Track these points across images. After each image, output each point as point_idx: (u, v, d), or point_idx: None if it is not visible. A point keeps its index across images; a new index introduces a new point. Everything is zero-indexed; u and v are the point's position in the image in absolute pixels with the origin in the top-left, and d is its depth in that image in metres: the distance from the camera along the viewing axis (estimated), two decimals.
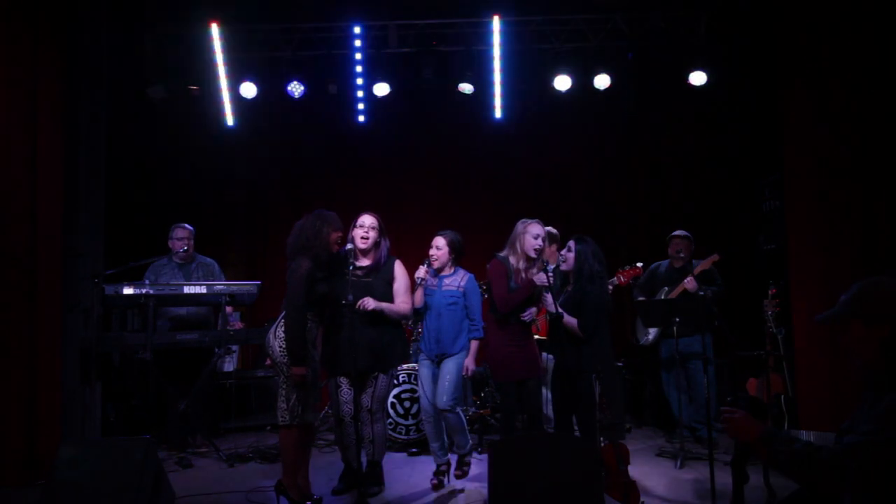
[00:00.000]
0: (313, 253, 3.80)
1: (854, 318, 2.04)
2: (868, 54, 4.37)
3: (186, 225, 5.45)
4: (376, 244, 4.12)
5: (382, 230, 4.16)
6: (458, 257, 4.47)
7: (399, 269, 4.17)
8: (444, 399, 4.25)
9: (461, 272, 4.44)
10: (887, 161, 4.27)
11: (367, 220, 4.10)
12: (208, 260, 5.53)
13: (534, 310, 4.21)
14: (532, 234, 4.17)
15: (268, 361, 3.94)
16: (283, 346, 3.71)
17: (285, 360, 3.71)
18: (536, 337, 4.51)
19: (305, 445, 3.92)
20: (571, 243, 4.12)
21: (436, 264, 4.40)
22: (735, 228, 6.66)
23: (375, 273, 4.08)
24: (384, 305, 4.01)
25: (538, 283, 4.04)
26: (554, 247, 5.02)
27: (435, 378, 4.37)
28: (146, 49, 6.55)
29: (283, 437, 3.77)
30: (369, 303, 3.92)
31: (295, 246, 3.85)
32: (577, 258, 4.06)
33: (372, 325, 3.99)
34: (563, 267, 4.16)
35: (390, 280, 4.11)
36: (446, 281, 4.41)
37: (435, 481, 4.36)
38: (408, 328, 5.75)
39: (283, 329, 3.74)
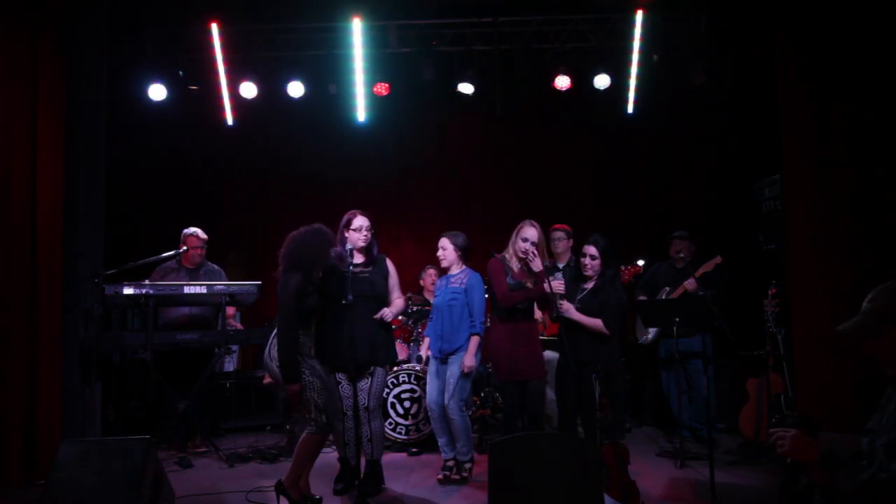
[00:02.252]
0: (307, 269, 3.80)
1: (891, 325, 1.96)
2: (869, 54, 4.37)
3: (201, 233, 5.41)
4: (371, 243, 4.25)
5: (373, 229, 4.28)
6: (466, 256, 4.55)
7: (391, 265, 4.31)
8: (450, 402, 4.35)
9: (466, 270, 4.51)
10: (887, 161, 4.27)
11: (365, 222, 4.19)
12: (216, 268, 5.51)
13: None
14: (521, 236, 4.21)
15: (266, 380, 3.94)
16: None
17: None
18: (542, 337, 4.51)
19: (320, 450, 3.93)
20: (593, 250, 4.12)
21: (443, 263, 4.50)
22: (735, 228, 6.66)
23: (372, 267, 4.20)
24: (393, 311, 4.19)
25: (554, 290, 4.05)
26: (571, 242, 5.05)
27: (439, 375, 4.46)
28: (146, 49, 6.56)
29: (306, 442, 3.76)
30: (388, 314, 4.12)
31: (292, 260, 3.79)
32: (603, 260, 4.09)
33: (368, 322, 4.05)
34: (589, 272, 4.15)
35: (385, 274, 4.25)
36: (452, 279, 4.49)
37: (441, 476, 4.42)
38: (407, 327, 5.76)
39: (276, 350, 3.74)
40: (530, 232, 4.18)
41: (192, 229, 5.41)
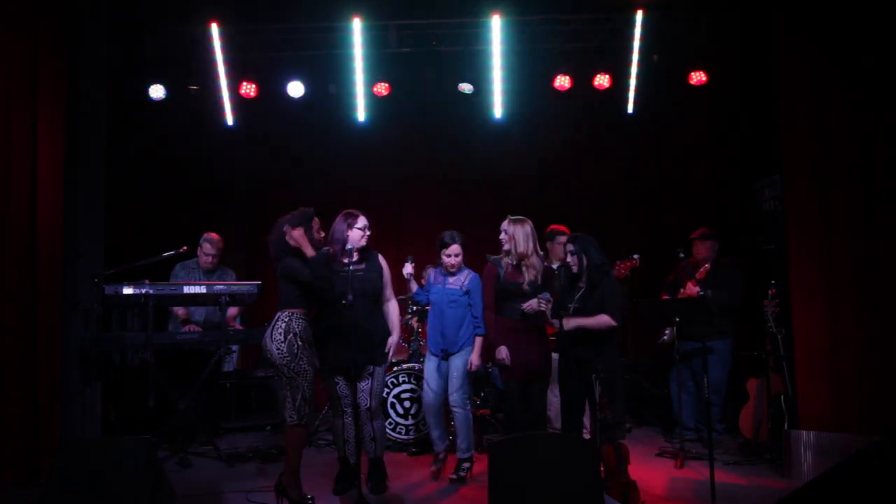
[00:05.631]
0: (297, 251, 3.86)
1: None
2: (870, 52, 4.36)
3: (215, 240, 5.44)
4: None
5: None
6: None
7: (383, 261, 4.32)
8: (453, 395, 4.40)
9: (466, 272, 4.51)
10: (887, 161, 4.26)
11: (367, 221, 4.19)
12: (230, 271, 5.61)
13: (534, 305, 4.23)
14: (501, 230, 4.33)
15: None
16: (281, 348, 3.74)
17: (284, 362, 3.73)
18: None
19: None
20: (569, 246, 4.13)
21: (454, 269, 4.49)
22: (735, 228, 6.65)
23: (366, 264, 4.21)
24: (397, 320, 4.27)
25: (528, 311, 4.15)
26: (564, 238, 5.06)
27: (440, 371, 4.48)
28: (146, 49, 6.55)
29: (292, 436, 3.77)
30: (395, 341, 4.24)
31: (279, 247, 3.90)
32: (579, 257, 4.07)
33: (366, 320, 4.06)
34: (574, 269, 4.15)
35: (380, 272, 4.26)
36: (450, 280, 4.49)
37: (434, 468, 4.50)
38: (407, 327, 5.75)
39: (278, 331, 3.76)
40: (503, 225, 4.34)
41: (208, 235, 5.46)
